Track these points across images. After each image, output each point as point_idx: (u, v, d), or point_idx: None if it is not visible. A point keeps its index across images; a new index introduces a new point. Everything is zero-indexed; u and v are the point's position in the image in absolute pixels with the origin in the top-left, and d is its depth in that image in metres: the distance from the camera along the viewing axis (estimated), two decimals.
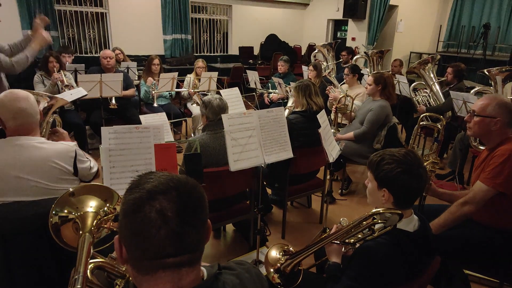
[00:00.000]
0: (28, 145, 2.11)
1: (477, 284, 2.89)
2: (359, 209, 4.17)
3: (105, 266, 1.40)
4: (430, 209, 2.72)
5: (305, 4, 12.62)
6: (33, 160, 2.09)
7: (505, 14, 10.34)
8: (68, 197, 1.59)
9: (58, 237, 1.58)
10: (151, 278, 0.92)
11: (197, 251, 0.96)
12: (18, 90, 2.19)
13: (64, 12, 8.83)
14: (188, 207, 0.92)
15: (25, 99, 2.15)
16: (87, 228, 1.51)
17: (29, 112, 2.14)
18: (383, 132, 4.12)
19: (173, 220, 0.88)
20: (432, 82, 5.59)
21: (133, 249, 0.91)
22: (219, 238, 3.61)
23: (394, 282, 1.62)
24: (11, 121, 2.12)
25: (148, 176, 0.95)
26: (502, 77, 4.41)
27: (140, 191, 0.91)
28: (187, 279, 0.94)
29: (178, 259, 0.91)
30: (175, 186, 0.92)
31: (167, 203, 0.89)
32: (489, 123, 2.30)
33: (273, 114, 2.89)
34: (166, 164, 2.33)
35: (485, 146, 2.48)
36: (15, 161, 2.06)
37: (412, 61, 11.21)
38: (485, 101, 2.34)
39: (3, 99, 2.11)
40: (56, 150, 2.18)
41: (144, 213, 0.88)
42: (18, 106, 2.10)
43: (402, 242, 1.63)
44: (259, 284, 1.15)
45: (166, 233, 0.88)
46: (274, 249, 2.04)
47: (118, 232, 0.97)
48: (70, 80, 5.08)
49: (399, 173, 1.63)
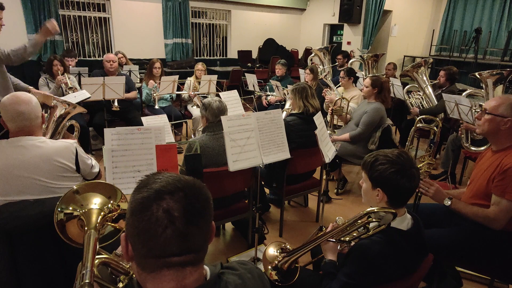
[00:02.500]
0: (29, 145, 2.12)
1: (468, 281, 2.89)
2: (354, 208, 4.17)
3: (110, 262, 1.39)
4: (425, 208, 2.73)
5: (302, 9, 12.65)
6: (35, 159, 2.09)
7: (495, 19, 10.37)
8: (73, 195, 1.59)
9: (64, 234, 1.58)
10: (155, 276, 0.92)
11: (201, 251, 0.96)
12: (21, 93, 2.19)
13: (68, 17, 8.84)
14: (194, 208, 0.92)
15: (26, 103, 2.14)
16: (92, 224, 1.51)
17: (27, 117, 2.14)
18: (377, 133, 4.13)
19: (179, 220, 0.89)
20: (425, 85, 5.59)
21: (139, 247, 0.91)
22: (218, 236, 3.61)
23: (388, 279, 1.62)
24: (11, 123, 2.14)
25: (156, 176, 0.95)
26: (493, 80, 4.41)
27: (148, 190, 0.91)
28: (190, 278, 0.94)
29: (183, 258, 0.91)
30: (182, 187, 0.92)
31: (174, 203, 0.89)
32: (499, 122, 2.29)
33: (271, 116, 2.89)
34: (167, 164, 2.33)
35: (489, 146, 2.47)
36: (17, 161, 2.06)
37: (406, 65, 11.25)
38: (498, 100, 2.33)
39: (5, 101, 2.12)
40: (57, 148, 2.19)
41: (151, 212, 0.88)
42: (18, 109, 2.10)
43: (396, 240, 1.63)
44: (261, 285, 1.15)
45: (172, 233, 0.88)
46: (272, 247, 2.04)
47: (124, 230, 0.96)
48: (74, 83, 5.09)
49: (392, 173, 1.63)
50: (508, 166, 2.18)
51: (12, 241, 2.01)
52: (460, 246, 2.29)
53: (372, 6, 10.29)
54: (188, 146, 2.81)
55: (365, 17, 10.56)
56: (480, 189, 2.34)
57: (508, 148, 2.30)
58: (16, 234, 2.01)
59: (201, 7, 10.71)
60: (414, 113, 5.28)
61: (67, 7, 8.72)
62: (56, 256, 2.07)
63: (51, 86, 4.86)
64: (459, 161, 4.86)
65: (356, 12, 10.42)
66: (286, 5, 12.10)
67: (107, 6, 9.23)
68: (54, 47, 8.22)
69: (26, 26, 7.82)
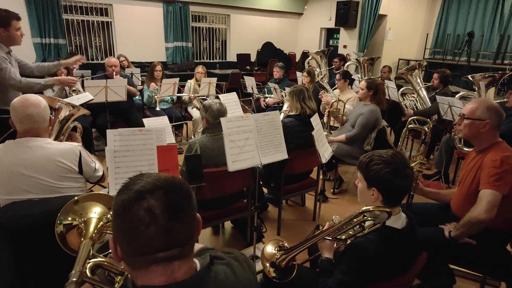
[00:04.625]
0: (35, 146, 2.13)
1: (461, 278, 2.89)
2: (350, 207, 4.17)
3: (103, 264, 1.40)
4: (417, 207, 2.73)
5: (299, 13, 12.66)
6: (39, 159, 2.11)
7: (488, 23, 10.41)
8: (72, 205, 1.61)
9: (65, 245, 1.60)
10: (145, 273, 0.92)
11: (187, 244, 0.96)
12: (31, 96, 2.20)
13: (72, 21, 8.85)
14: (175, 204, 0.92)
15: (35, 106, 2.16)
16: (89, 234, 1.52)
17: (35, 119, 2.15)
18: (373, 134, 4.13)
19: (161, 216, 0.89)
20: (419, 87, 5.60)
21: (126, 247, 0.92)
22: (218, 235, 3.61)
23: (383, 276, 1.62)
24: (18, 125, 2.16)
25: (137, 178, 0.96)
26: (485, 83, 4.42)
27: (128, 192, 0.92)
28: (180, 272, 0.95)
29: (169, 253, 0.91)
30: (161, 185, 0.93)
31: (154, 202, 0.90)
32: (479, 125, 2.30)
33: (269, 118, 2.89)
34: (168, 164, 2.33)
35: (474, 148, 2.48)
36: (23, 160, 2.08)
37: (400, 67, 11.26)
38: (474, 104, 2.34)
39: (15, 103, 2.14)
40: (61, 150, 2.20)
41: (133, 212, 0.89)
42: (26, 112, 2.12)
43: (391, 238, 1.64)
44: (248, 270, 1.15)
45: (155, 229, 0.88)
46: (270, 245, 2.04)
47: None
48: (77, 85, 5.07)
49: (387, 173, 1.63)
50: (486, 163, 2.23)
51: (17, 239, 2.01)
52: (453, 244, 2.29)
53: (367, 10, 10.31)
54: (188, 146, 2.81)
55: (360, 21, 10.58)
56: (469, 190, 2.35)
57: (488, 147, 2.33)
58: (20, 233, 2.01)
59: (201, 11, 10.70)
60: (409, 115, 5.28)
61: (70, 11, 8.73)
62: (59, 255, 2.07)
63: (55, 88, 4.84)
64: (452, 161, 4.87)
65: (352, 16, 10.45)
66: (284, 10, 12.10)
67: (110, 11, 9.23)
68: (58, 51, 8.23)
69: (31, 31, 7.82)
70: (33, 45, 7.93)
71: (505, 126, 3.66)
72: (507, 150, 2.26)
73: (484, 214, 2.10)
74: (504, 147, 2.29)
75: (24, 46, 3.71)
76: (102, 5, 9.11)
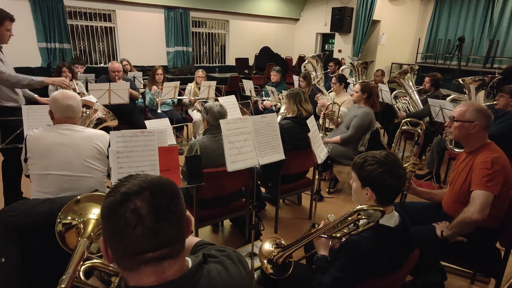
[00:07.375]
0: (74, 129, 2.39)
1: (452, 274, 2.89)
2: (345, 206, 4.18)
3: (97, 266, 1.39)
4: (410, 206, 2.73)
5: (296, 19, 12.68)
6: (79, 139, 2.35)
7: (478, 28, 10.43)
8: (73, 204, 1.61)
9: (64, 244, 1.59)
10: (135, 273, 0.91)
11: (177, 244, 0.94)
12: (68, 91, 2.47)
13: (76, 26, 8.85)
14: (161, 205, 0.90)
15: (73, 99, 2.42)
16: (87, 234, 1.51)
17: (74, 110, 2.42)
18: (367, 136, 4.14)
19: (147, 217, 0.87)
20: (411, 90, 5.61)
21: (115, 248, 0.90)
22: (217, 233, 3.61)
23: (376, 273, 1.62)
24: (59, 113, 2.38)
25: (125, 180, 0.94)
26: (475, 86, 4.44)
27: (115, 194, 0.90)
28: (170, 271, 0.93)
29: (158, 253, 0.90)
30: (148, 186, 0.91)
31: (140, 203, 0.88)
32: (468, 127, 2.30)
33: (267, 120, 2.89)
34: (169, 165, 2.33)
35: (464, 149, 2.49)
36: (64, 139, 2.32)
37: (393, 71, 11.29)
38: (463, 107, 2.35)
39: (56, 95, 2.38)
40: (97, 134, 2.47)
41: (119, 214, 0.87)
42: (67, 103, 2.37)
43: (384, 236, 1.64)
44: (241, 267, 1.14)
45: (142, 230, 0.87)
46: (267, 242, 2.04)
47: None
48: (82, 88, 5.07)
49: (380, 173, 1.63)
50: (477, 164, 2.23)
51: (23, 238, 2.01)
52: (444, 241, 2.30)
53: (361, 16, 10.33)
54: (189, 147, 2.81)
55: (355, 26, 10.60)
56: (460, 190, 2.35)
57: (479, 149, 2.33)
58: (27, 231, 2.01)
59: (201, 17, 10.71)
60: (401, 117, 5.29)
61: (75, 17, 8.72)
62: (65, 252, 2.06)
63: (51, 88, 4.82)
64: (444, 162, 4.88)
65: (347, 22, 10.47)
66: (281, 15, 12.12)
67: (113, 16, 9.23)
68: (63, 55, 8.22)
69: (37, 35, 7.80)
70: (38, 49, 7.90)
71: (494, 128, 3.67)
72: (497, 151, 2.26)
73: (477, 214, 2.10)
74: (494, 148, 2.29)
75: (30, 50, 3.72)
76: (106, 11, 9.10)
